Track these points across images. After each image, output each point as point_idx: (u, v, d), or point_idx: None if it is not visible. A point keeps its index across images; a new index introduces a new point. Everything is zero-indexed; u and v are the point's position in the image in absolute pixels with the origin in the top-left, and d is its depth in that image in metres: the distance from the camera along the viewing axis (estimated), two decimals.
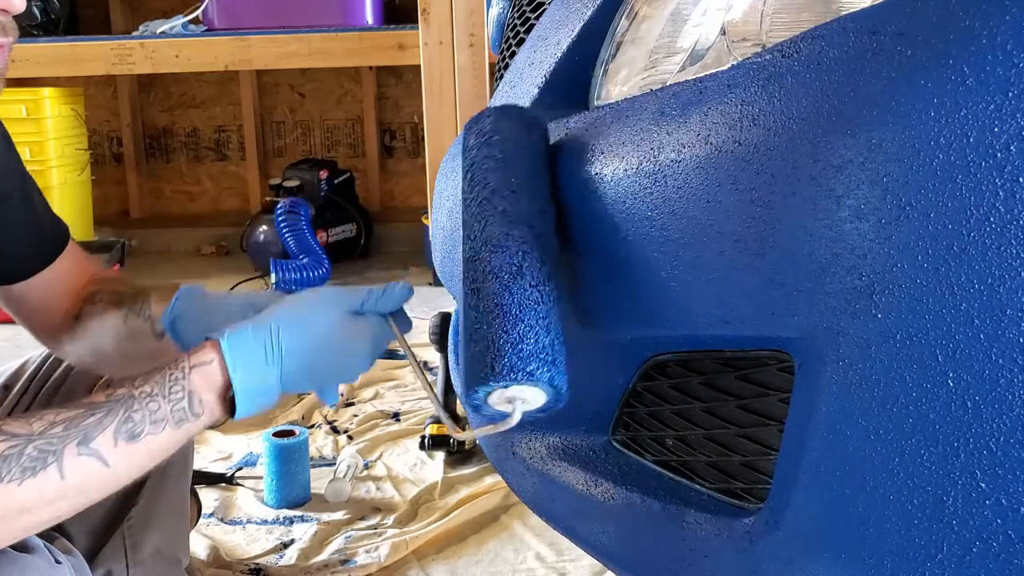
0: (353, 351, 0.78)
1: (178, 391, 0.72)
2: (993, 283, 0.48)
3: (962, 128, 0.49)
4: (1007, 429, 0.49)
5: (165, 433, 0.72)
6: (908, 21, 0.52)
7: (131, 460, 0.71)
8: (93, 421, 0.70)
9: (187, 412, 0.72)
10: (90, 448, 0.69)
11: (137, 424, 0.70)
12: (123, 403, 0.71)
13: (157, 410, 0.71)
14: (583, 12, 0.80)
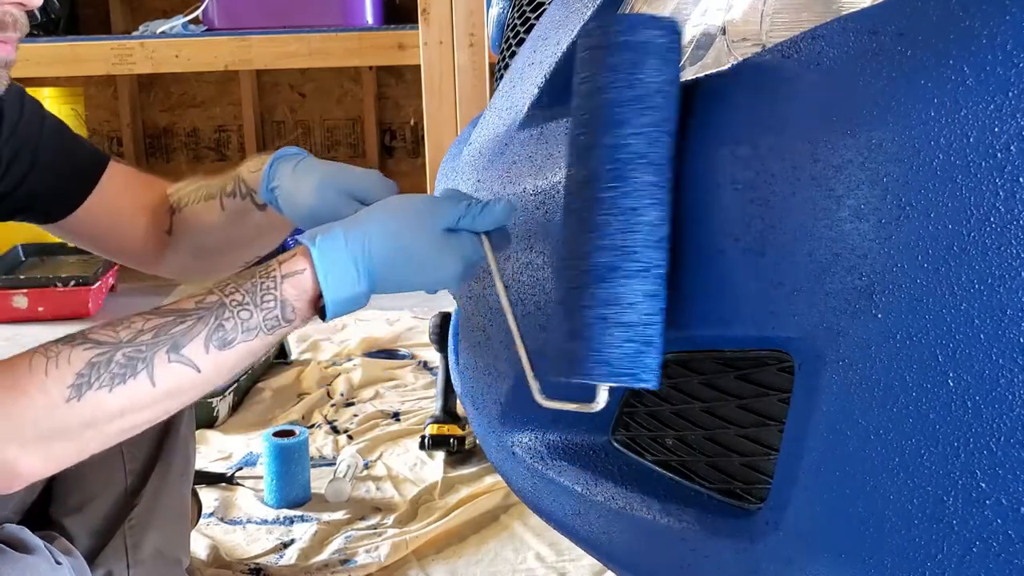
0: (443, 269, 0.76)
1: (270, 300, 0.72)
2: (993, 283, 0.48)
3: (962, 128, 0.49)
4: (1007, 429, 0.49)
5: (258, 340, 0.72)
6: (908, 21, 0.52)
7: (222, 365, 0.72)
8: (183, 328, 0.70)
9: (280, 320, 0.72)
10: (181, 355, 0.69)
11: (229, 332, 0.71)
12: (214, 311, 0.71)
13: (249, 318, 0.71)
14: (583, 12, 0.80)
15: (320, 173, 0.88)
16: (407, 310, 2.70)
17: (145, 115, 4.19)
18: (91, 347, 0.68)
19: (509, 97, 0.88)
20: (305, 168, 0.90)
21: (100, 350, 0.68)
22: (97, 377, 0.67)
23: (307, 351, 2.41)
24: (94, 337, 0.69)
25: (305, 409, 2.02)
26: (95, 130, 4.08)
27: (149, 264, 1.08)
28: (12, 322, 2.63)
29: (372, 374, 2.21)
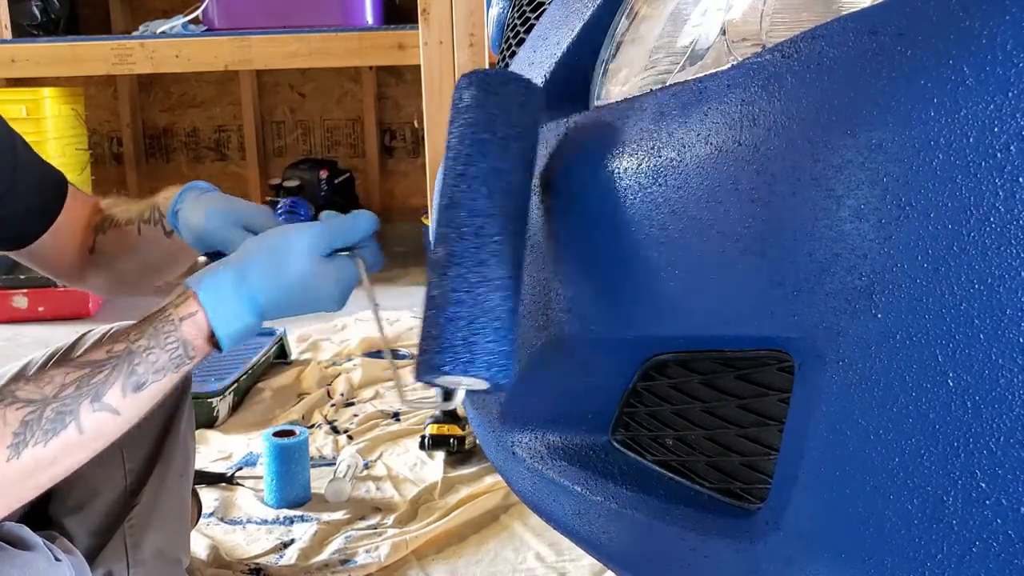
0: (322, 293, 0.84)
1: (173, 341, 0.80)
2: (993, 283, 0.48)
3: (962, 128, 0.49)
4: (1007, 429, 0.49)
5: (167, 378, 0.80)
6: (908, 21, 0.52)
7: (139, 405, 0.79)
8: (101, 378, 0.77)
9: (183, 357, 0.81)
10: (103, 403, 0.76)
11: (141, 376, 0.78)
12: (125, 359, 0.78)
13: (157, 361, 0.79)
14: (583, 12, 0.80)
15: (215, 203, 0.99)
16: (407, 310, 2.70)
17: (145, 115, 4.19)
18: (22, 406, 0.73)
19: None
20: (206, 199, 1.00)
21: (30, 408, 0.74)
22: (32, 435, 0.73)
23: (307, 351, 2.41)
24: (22, 396, 0.74)
25: (305, 409, 2.02)
26: (95, 130, 4.08)
27: (73, 280, 1.13)
28: (12, 322, 2.63)
29: (372, 374, 2.21)
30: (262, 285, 0.82)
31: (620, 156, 0.67)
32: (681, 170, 0.62)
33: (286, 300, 0.83)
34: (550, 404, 0.79)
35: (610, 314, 0.69)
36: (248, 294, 0.81)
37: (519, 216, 0.70)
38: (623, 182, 0.66)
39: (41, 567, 0.79)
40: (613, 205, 0.67)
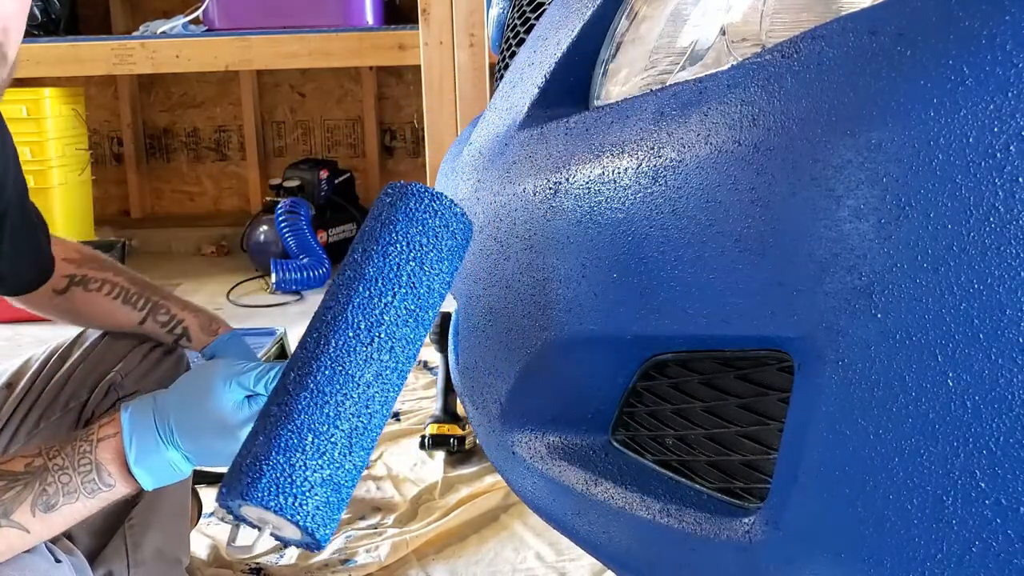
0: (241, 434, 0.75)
1: (86, 464, 0.75)
2: (993, 283, 0.48)
3: (962, 128, 0.49)
4: (1007, 429, 0.49)
5: (80, 503, 0.75)
6: (908, 21, 0.52)
7: (50, 526, 0.75)
8: (12, 495, 0.73)
9: (97, 484, 0.75)
10: (11, 520, 0.73)
11: (51, 496, 0.74)
12: (38, 476, 0.74)
13: (68, 482, 0.74)
14: (583, 12, 0.80)
15: None
16: None
17: (145, 115, 4.18)
18: None
19: (509, 97, 0.88)
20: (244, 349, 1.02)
21: None
22: None
23: None
24: None
25: None
26: (95, 130, 4.08)
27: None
28: (12, 322, 2.63)
29: None
30: (180, 419, 0.76)
31: (620, 156, 0.67)
32: (681, 170, 0.62)
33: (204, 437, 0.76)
34: (550, 404, 0.79)
35: (610, 314, 0.69)
36: (165, 426, 0.76)
37: None
38: (623, 182, 0.66)
39: (42, 568, 0.79)
40: (613, 205, 0.67)
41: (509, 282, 0.79)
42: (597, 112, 0.74)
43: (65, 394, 1.08)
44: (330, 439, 0.66)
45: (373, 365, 0.68)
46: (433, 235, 0.72)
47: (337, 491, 0.67)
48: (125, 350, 1.09)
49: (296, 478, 0.65)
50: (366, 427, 0.68)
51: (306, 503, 0.65)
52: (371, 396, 0.68)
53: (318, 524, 0.66)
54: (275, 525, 0.69)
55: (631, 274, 0.66)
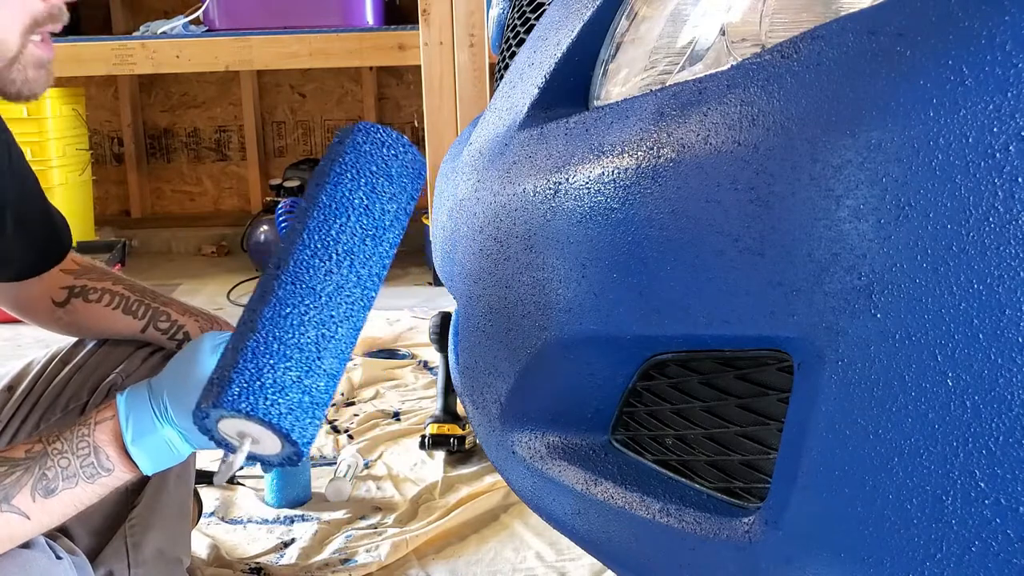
0: None
1: (84, 447, 0.75)
2: (992, 283, 0.49)
3: (961, 128, 0.49)
4: (1006, 429, 0.49)
5: (80, 487, 0.75)
6: (907, 21, 0.52)
7: (50, 512, 0.75)
8: (12, 479, 0.73)
9: (96, 468, 0.75)
10: (11, 505, 0.73)
11: (51, 480, 0.74)
12: (38, 460, 0.74)
13: (68, 466, 0.74)
14: (583, 12, 0.80)
15: None
16: (407, 310, 2.70)
17: (146, 115, 4.19)
18: None
19: (509, 97, 0.88)
20: None
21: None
22: None
23: None
24: None
25: None
26: (96, 130, 4.08)
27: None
28: (12, 322, 2.63)
29: (372, 374, 2.21)
30: (171, 396, 0.76)
31: (620, 156, 0.67)
32: (681, 170, 0.62)
33: None
34: (550, 404, 0.79)
35: (610, 314, 0.69)
36: (159, 402, 0.76)
37: None
38: (623, 182, 0.66)
39: (42, 564, 0.79)
40: (613, 205, 0.67)
41: (509, 282, 0.79)
42: (597, 112, 0.74)
43: (65, 396, 1.08)
44: (296, 345, 0.69)
45: (333, 278, 0.72)
46: (383, 163, 0.76)
47: (309, 394, 0.69)
48: (126, 353, 1.09)
49: (265, 380, 0.67)
50: (333, 335, 0.71)
51: (277, 403, 0.67)
52: (335, 307, 0.71)
53: (293, 425, 0.68)
54: (254, 438, 0.70)
55: (631, 274, 0.66)
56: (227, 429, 0.71)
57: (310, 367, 0.69)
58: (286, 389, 0.68)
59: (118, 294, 1.07)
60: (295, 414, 0.68)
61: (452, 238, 0.91)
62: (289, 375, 0.68)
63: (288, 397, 0.68)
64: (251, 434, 0.70)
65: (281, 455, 0.72)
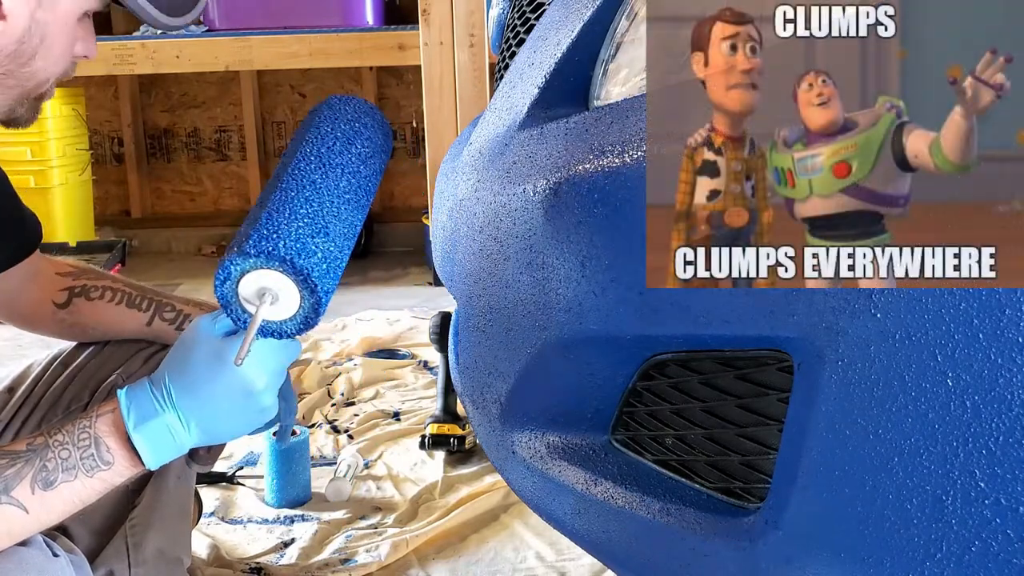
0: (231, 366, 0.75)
1: (85, 438, 0.74)
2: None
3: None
4: (1006, 429, 0.49)
5: (79, 481, 0.74)
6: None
7: (49, 507, 0.74)
8: (13, 471, 0.72)
9: (96, 459, 0.74)
10: (10, 497, 0.72)
11: (51, 472, 0.73)
12: (39, 452, 0.74)
13: (68, 458, 0.74)
14: (583, 12, 0.80)
15: None
16: (407, 310, 2.70)
17: (146, 115, 4.18)
18: None
19: (509, 97, 0.88)
20: None
21: None
22: None
23: (308, 351, 2.41)
24: None
25: (306, 409, 2.02)
26: (96, 130, 4.08)
27: (21, 324, 1.10)
28: None
29: (372, 374, 2.21)
30: (173, 373, 0.76)
31: (620, 156, 0.67)
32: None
33: (197, 379, 0.75)
34: (550, 404, 0.79)
35: (610, 314, 0.69)
36: (162, 387, 0.75)
37: None
38: (623, 182, 0.66)
39: (38, 562, 0.79)
40: (613, 205, 0.67)
41: (509, 282, 0.79)
42: (597, 112, 0.74)
43: (66, 397, 1.08)
44: (305, 214, 0.75)
45: (329, 175, 0.80)
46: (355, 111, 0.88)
47: (323, 250, 0.74)
48: (127, 354, 1.09)
49: (282, 232, 0.73)
50: (336, 215, 0.78)
51: (296, 247, 0.72)
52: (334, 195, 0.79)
53: (313, 266, 0.72)
54: (273, 292, 0.73)
55: (631, 274, 0.66)
56: (246, 292, 0.73)
57: (320, 230, 0.75)
58: (303, 239, 0.73)
59: (119, 290, 1.07)
60: (314, 259, 0.73)
61: (452, 238, 0.91)
62: (303, 231, 0.74)
63: (305, 245, 0.73)
64: (271, 289, 0.72)
65: (299, 317, 0.74)
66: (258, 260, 0.72)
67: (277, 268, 0.72)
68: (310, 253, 0.73)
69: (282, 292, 0.73)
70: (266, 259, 0.72)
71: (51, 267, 1.09)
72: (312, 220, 0.75)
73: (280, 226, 0.73)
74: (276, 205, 0.76)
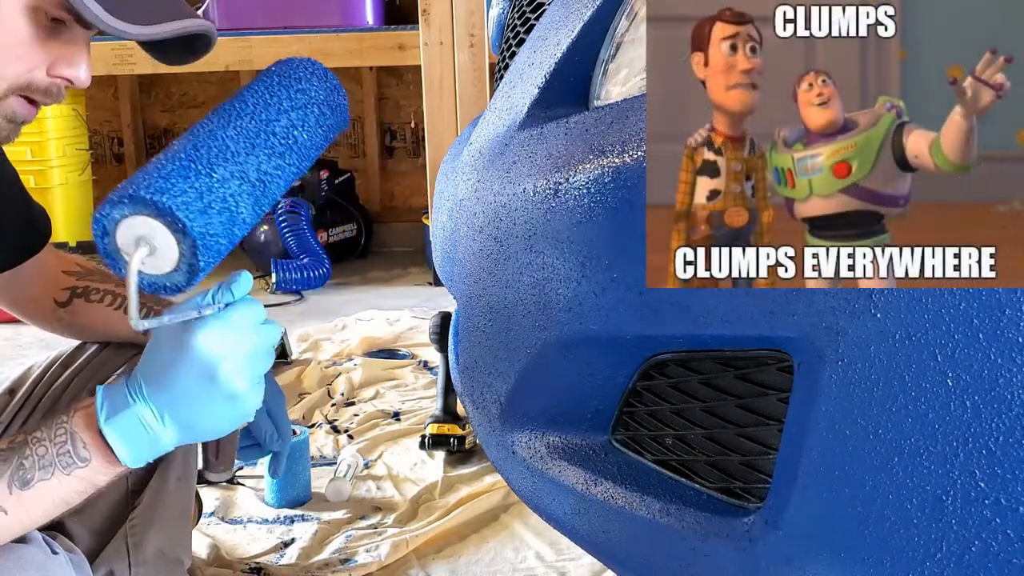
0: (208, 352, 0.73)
1: (61, 433, 0.72)
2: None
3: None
4: (1006, 429, 0.49)
5: (55, 479, 0.72)
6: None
7: (27, 508, 0.71)
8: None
9: (72, 456, 0.72)
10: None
11: (27, 470, 0.71)
12: (17, 451, 0.72)
13: (44, 455, 0.71)
14: (583, 12, 0.80)
15: None
16: (407, 310, 2.70)
17: (146, 115, 4.18)
18: None
19: (509, 97, 0.88)
20: None
21: None
22: None
23: (308, 351, 2.41)
24: None
25: (306, 409, 2.02)
26: (96, 130, 4.08)
27: (27, 316, 1.10)
28: (12, 322, 2.63)
29: (372, 374, 2.21)
30: (142, 370, 0.74)
31: (620, 156, 0.67)
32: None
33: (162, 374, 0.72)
34: (550, 404, 0.79)
35: (610, 314, 0.69)
36: (134, 381, 0.73)
37: None
38: (623, 182, 0.66)
39: (38, 559, 0.79)
40: (613, 205, 0.67)
41: (509, 282, 0.79)
42: (597, 112, 0.74)
43: (66, 398, 1.08)
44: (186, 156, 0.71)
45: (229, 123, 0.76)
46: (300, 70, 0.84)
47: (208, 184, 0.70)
48: (126, 356, 1.09)
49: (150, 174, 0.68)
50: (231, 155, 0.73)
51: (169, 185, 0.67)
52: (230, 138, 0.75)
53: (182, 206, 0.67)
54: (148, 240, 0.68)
55: (631, 274, 0.66)
56: (124, 241, 0.68)
57: (199, 171, 0.70)
58: (171, 178, 0.68)
59: (120, 295, 1.07)
60: (183, 197, 0.68)
61: (452, 238, 0.91)
62: (175, 172, 0.69)
63: (173, 184, 0.68)
64: (145, 236, 0.67)
65: (183, 266, 0.69)
66: (122, 206, 0.66)
67: (143, 212, 0.66)
68: (178, 192, 0.67)
69: (158, 239, 0.68)
70: (129, 203, 0.66)
71: (59, 263, 1.09)
72: (191, 162, 0.70)
73: (150, 170, 0.69)
74: (161, 155, 0.72)
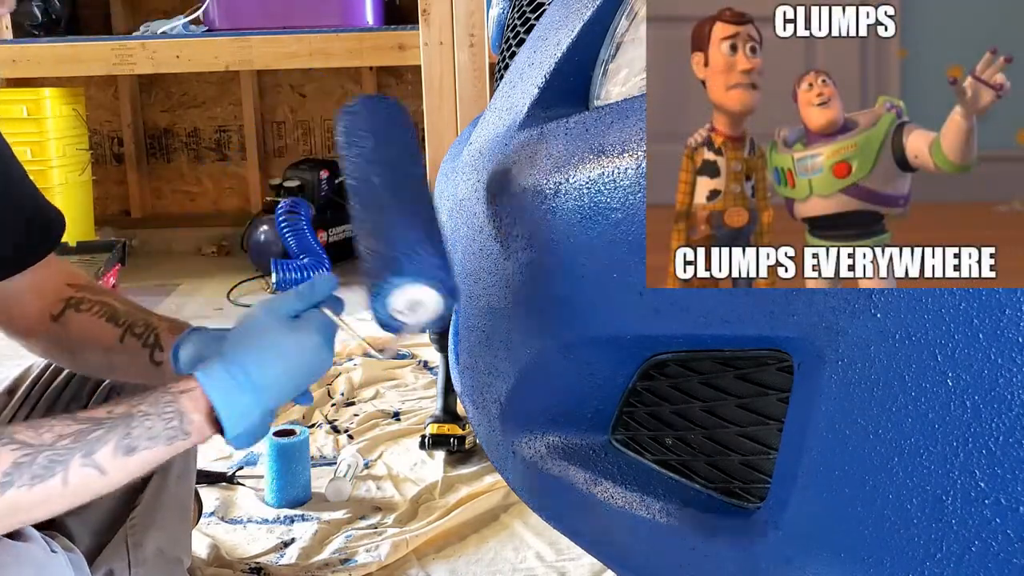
0: (303, 345, 0.86)
1: (170, 412, 0.81)
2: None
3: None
4: (1006, 429, 0.49)
5: (158, 448, 0.80)
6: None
7: (127, 470, 0.79)
8: (97, 435, 0.77)
9: (178, 430, 0.81)
10: (93, 460, 0.77)
11: (135, 439, 0.79)
12: (123, 420, 0.79)
13: (152, 427, 0.80)
14: (583, 12, 0.80)
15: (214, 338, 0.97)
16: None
17: (146, 115, 4.19)
18: (17, 448, 0.74)
19: (509, 97, 0.88)
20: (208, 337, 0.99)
21: (25, 451, 0.74)
22: (19, 476, 0.74)
23: None
24: (20, 438, 0.75)
25: (305, 409, 2.02)
26: (96, 130, 4.08)
27: (23, 340, 1.10)
28: None
29: (372, 374, 2.21)
30: (246, 358, 0.84)
31: (620, 156, 0.67)
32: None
33: (272, 358, 0.84)
34: (550, 404, 0.79)
35: (610, 314, 0.69)
36: (238, 365, 0.83)
37: None
38: (623, 182, 0.66)
39: (38, 557, 0.79)
40: (613, 205, 0.67)
41: (509, 282, 0.79)
42: (597, 112, 0.74)
43: (64, 398, 1.08)
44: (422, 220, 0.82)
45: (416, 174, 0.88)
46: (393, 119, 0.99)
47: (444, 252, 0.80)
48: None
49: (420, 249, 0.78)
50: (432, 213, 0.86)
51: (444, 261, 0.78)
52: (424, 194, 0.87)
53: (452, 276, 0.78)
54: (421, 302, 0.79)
55: (631, 274, 0.66)
56: (398, 304, 0.79)
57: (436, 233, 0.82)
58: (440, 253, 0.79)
59: (109, 306, 1.06)
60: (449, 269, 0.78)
61: (452, 238, 0.91)
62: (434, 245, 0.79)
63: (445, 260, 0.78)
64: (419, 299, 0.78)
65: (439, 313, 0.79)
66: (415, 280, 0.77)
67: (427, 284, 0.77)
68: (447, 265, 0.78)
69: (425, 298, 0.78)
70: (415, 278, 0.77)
71: (62, 276, 1.08)
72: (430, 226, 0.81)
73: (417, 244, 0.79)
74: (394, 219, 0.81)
